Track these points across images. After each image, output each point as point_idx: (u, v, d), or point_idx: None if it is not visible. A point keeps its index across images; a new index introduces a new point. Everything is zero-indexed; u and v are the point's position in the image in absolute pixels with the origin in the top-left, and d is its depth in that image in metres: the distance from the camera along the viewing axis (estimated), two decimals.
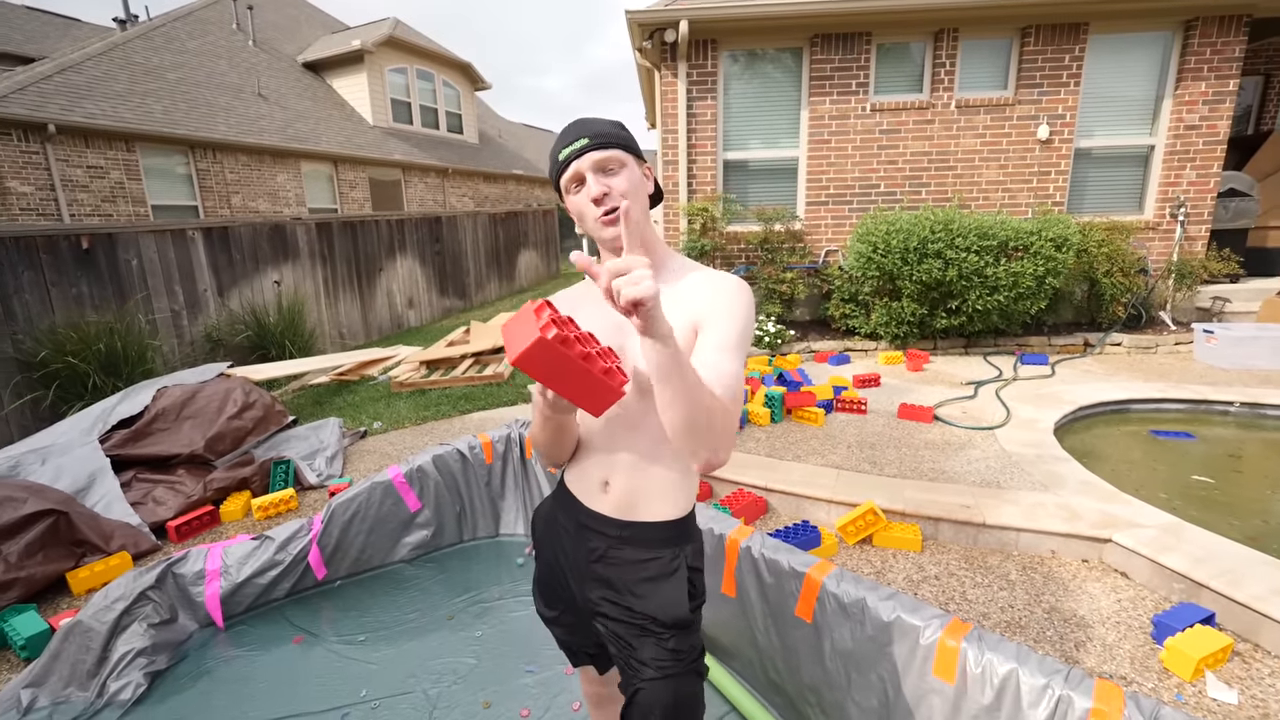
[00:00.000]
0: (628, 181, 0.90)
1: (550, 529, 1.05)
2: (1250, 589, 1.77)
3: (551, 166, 0.93)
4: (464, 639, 1.97)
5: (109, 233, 4.64)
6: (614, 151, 0.89)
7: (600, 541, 0.96)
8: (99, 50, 8.75)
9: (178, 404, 3.21)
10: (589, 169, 0.88)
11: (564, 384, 0.72)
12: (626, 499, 0.94)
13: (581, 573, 0.98)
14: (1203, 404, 3.56)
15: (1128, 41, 5.04)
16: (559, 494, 1.05)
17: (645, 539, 0.94)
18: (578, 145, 0.88)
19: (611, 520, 0.95)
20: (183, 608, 1.99)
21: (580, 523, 0.98)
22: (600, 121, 0.93)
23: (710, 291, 0.89)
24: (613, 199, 0.88)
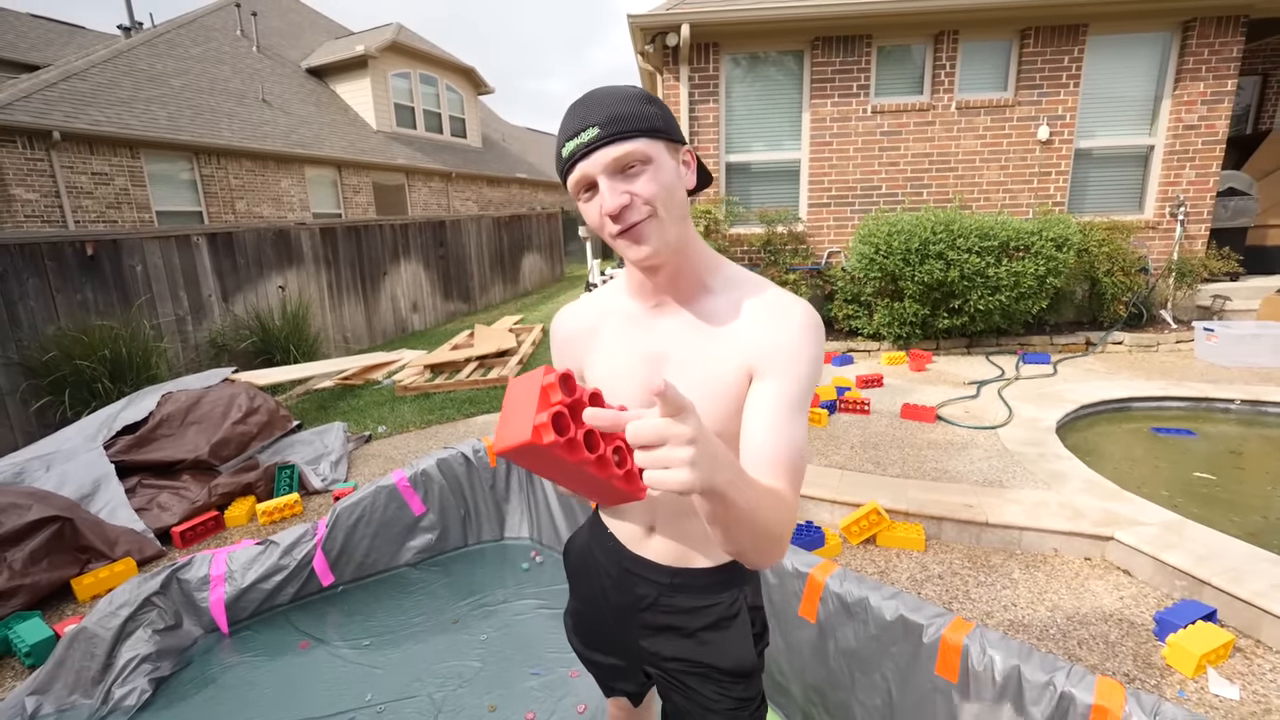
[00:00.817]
0: (656, 183, 0.67)
1: (588, 568, 0.93)
2: (1252, 585, 1.77)
3: (557, 159, 0.72)
4: (469, 642, 1.98)
5: (113, 239, 4.68)
6: (634, 144, 0.66)
7: (649, 589, 0.84)
8: (103, 57, 8.81)
9: (182, 409, 3.23)
10: (601, 172, 0.66)
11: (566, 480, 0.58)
12: (675, 546, 0.83)
13: (629, 620, 0.88)
14: (1204, 401, 3.56)
15: (1127, 42, 5.06)
16: (596, 532, 0.93)
17: (700, 585, 0.83)
18: (586, 138, 0.66)
19: (660, 567, 0.84)
20: (187, 613, 2.00)
21: (624, 567, 0.87)
22: (616, 96, 0.67)
23: (772, 325, 0.71)
24: (635, 211, 0.67)
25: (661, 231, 0.69)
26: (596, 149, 0.66)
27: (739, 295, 0.75)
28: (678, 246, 0.72)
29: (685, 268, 0.75)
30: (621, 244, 0.70)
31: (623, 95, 0.68)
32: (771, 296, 0.74)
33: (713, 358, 0.72)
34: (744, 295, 0.75)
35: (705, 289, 0.76)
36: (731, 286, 0.76)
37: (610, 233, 0.69)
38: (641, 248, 0.69)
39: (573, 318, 0.87)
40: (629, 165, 0.67)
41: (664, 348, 0.76)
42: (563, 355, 0.88)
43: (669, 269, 0.74)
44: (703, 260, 0.77)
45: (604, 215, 0.68)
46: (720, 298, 0.76)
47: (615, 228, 0.68)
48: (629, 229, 0.68)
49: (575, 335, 0.86)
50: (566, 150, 0.68)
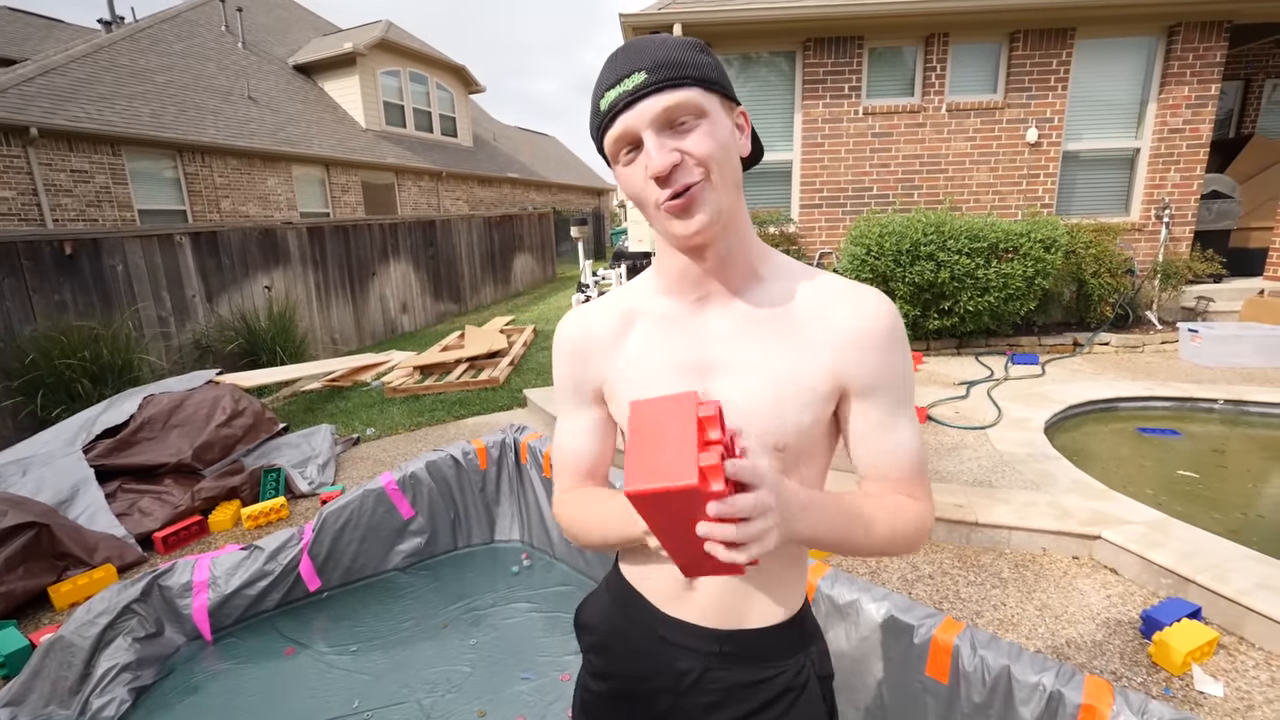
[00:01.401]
0: (712, 139, 0.57)
1: (612, 641, 0.74)
2: (1235, 583, 1.79)
3: (592, 117, 0.60)
4: (458, 647, 1.96)
5: (93, 238, 4.58)
6: (688, 92, 0.56)
7: (693, 661, 0.67)
8: (83, 52, 8.65)
9: (165, 412, 3.17)
10: (648, 126, 0.56)
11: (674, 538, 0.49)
12: (723, 602, 0.66)
13: (667, 705, 0.69)
14: (1188, 401, 3.61)
15: (1113, 46, 5.12)
16: (619, 593, 0.74)
17: (756, 652, 0.67)
18: (630, 84, 0.56)
19: (705, 631, 0.67)
20: (169, 621, 1.96)
21: (659, 635, 0.69)
22: (665, 42, 0.58)
23: (854, 322, 0.61)
24: (686, 173, 0.56)
25: (714, 197, 0.58)
26: (643, 97, 0.55)
27: (797, 284, 0.64)
28: (731, 221, 0.61)
29: (737, 249, 0.63)
30: (667, 216, 0.58)
31: (673, 40, 0.58)
32: (839, 286, 0.64)
33: (782, 361, 0.62)
34: (804, 284, 0.64)
35: (757, 276, 0.65)
36: (785, 274, 0.66)
37: (656, 200, 0.58)
38: (692, 220, 0.57)
39: (588, 323, 0.71)
40: (680, 119, 0.56)
41: (715, 353, 0.64)
42: (575, 371, 0.72)
43: (718, 250, 0.62)
44: (754, 245, 0.66)
45: (649, 178, 0.57)
46: (775, 286, 0.65)
47: (663, 193, 0.57)
48: (679, 195, 0.56)
49: (593, 345, 0.70)
50: (606, 100, 0.57)
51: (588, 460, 0.75)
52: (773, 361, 0.62)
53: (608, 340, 0.70)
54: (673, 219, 0.58)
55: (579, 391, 0.72)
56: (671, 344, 0.66)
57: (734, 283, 0.65)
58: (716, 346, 0.64)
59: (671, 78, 0.56)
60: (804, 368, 0.62)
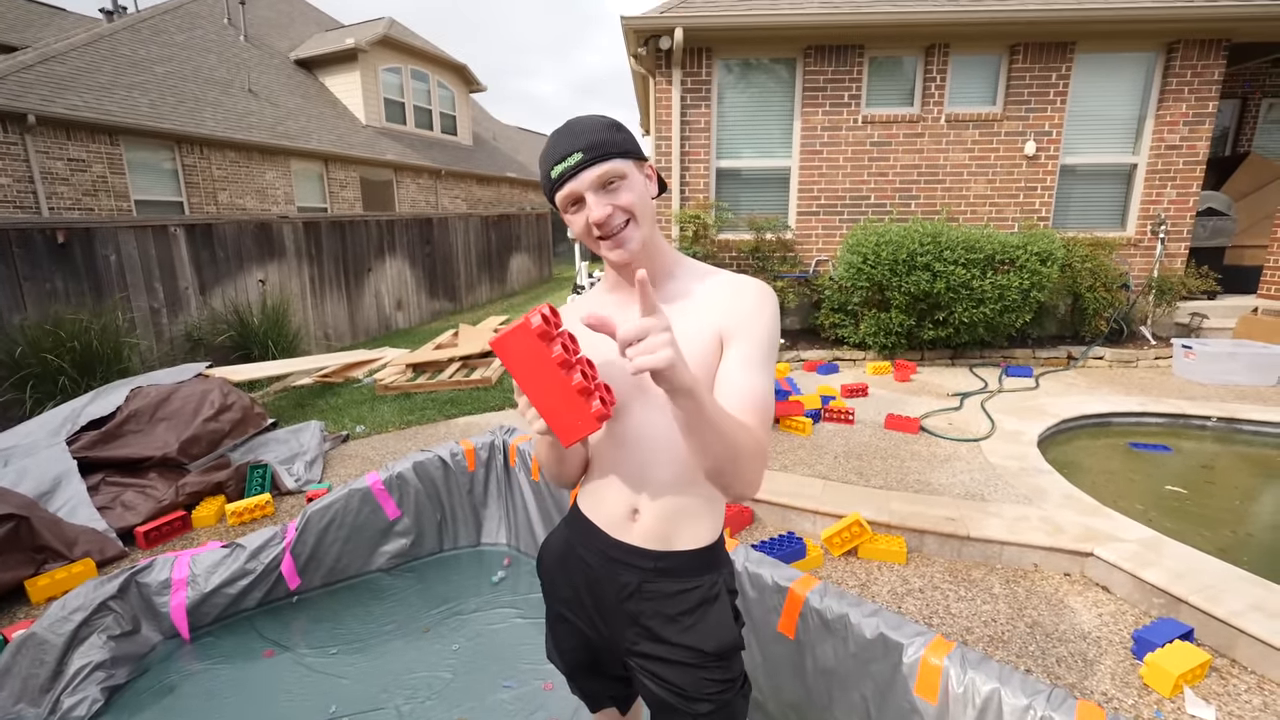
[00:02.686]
0: (632, 193, 0.82)
1: (566, 566, 0.95)
2: (1228, 604, 1.78)
3: (544, 179, 0.84)
4: (440, 652, 1.92)
5: (86, 227, 4.54)
6: (614, 164, 0.80)
7: (632, 575, 0.88)
8: (83, 41, 8.59)
9: (152, 405, 3.12)
10: (588, 189, 0.80)
11: (536, 389, 0.70)
12: (659, 528, 0.87)
13: (611, 611, 0.90)
14: (1181, 418, 3.61)
15: (1113, 61, 5.15)
16: (575, 525, 0.95)
17: (683, 568, 0.88)
18: (571, 162, 0.80)
19: (644, 551, 0.87)
20: (146, 619, 1.92)
21: (607, 556, 0.90)
22: (593, 126, 0.82)
23: (732, 297, 0.84)
24: (617, 219, 0.81)
25: (637, 233, 0.83)
26: (582, 169, 0.80)
27: (698, 279, 0.89)
28: (648, 244, 0.86)
29: (655, 261, 0.89)
30: (605, 247, 0.84)
31: (598, 124, 0.83)
32: (730, 277, 0.88)
33: (686, 331, 0.80)
34: (703, 278, 0.89)
35: (671, 276, 0.90)
36: (691, 273, 0.91)
37: (595, 236, 0.83)
38: (623, 250, 0.83)
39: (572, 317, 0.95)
40: (609, 181, 0.81)
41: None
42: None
43: (640, 264, 0.85)
44: (667, 255, 0.92)
45: (591, 224, 0.81)
46: (683, 282, 0.89)
47: (601, 234, 0.82)
48: (613, 235, 0.82)
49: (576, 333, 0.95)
50: (555, 172, 0.82)
51: None
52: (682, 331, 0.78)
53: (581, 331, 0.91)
54: (609, 251, 0.84)
55: None
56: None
57: (656, 282, 0.88)
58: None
59: (601, 155, 0.80)
60: (702, 334, 0.83)
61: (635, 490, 0.87)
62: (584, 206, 0.81)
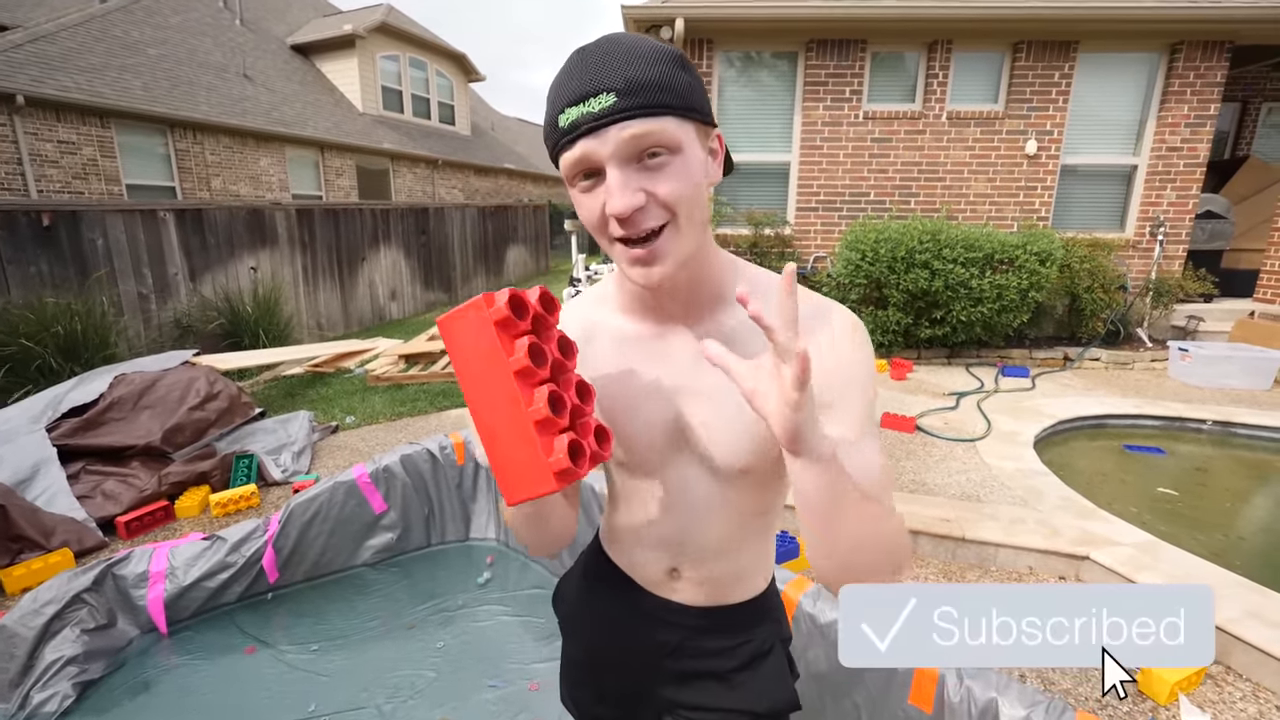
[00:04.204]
0: (682, 180, 0.51)
1: (594, 615, 0.80)
2: (1224, 611, 1.75)
3: (547, 126, 0.54)
4: (424, 650, 1.88)
5: (73, 210, 4.45)
6: (662, 122, 0.50)
7: (674, 634, 0.74)
8: (75, 21, 8.43)
9: (136, 392, 3.06)
10: (612, 157, 0.50)
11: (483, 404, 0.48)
12: (706, 588, 0.72)
13: (646, 668, 0.76)
14: (1176, 421, 3.60)
15: (1115, 61, 5.10)
16: (601, 572, 0.78)
17: (732, 623, 0.74)
18: (596, 106, 0.49)
19: (687, 609, 0.73)
20: (122, 612, 1.87)
21: (642, 611, 0.75)
22: (640, 52, 0.50)
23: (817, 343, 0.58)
24: (650, 217, 0.51)
25: (679, 245, 0.53)
26: (611, 122, 0.49)
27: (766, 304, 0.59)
28: (694, 258, 0.56)
29: (702, 279, 0.60)
30: (625, 258, 0.53)
31: (650, 52, 0.50)
32: (809, 305, 0.60)
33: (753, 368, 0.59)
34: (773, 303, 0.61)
35: (723, 300, 0.62)
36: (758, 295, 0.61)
37: (613, 236, 0.53)
38: (653, 268, 0.53)
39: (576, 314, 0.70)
40: (650, 151, 0.50)
41: (681, 377, 0.62)
42: None
43: (680, 282, 0.58)
44: (719, 267, 0.61)
45: (608, 215, 0.51)
46: (740, 310, 0.60)
47: (620, 232, 0.52)
48: (639, 239, 0.52)
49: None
50: (567, 118, 0.50)
51: None
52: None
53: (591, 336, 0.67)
54: (630, 265, 0.53)
55: None
56: (634, 366, 0.64)
57: (697, 310, 0.63)
58: (682, 370, 0.63)
59: (645, 104, 0.49)
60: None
61: (675, 554, 0.71)
62: (602, 180, 0.51)
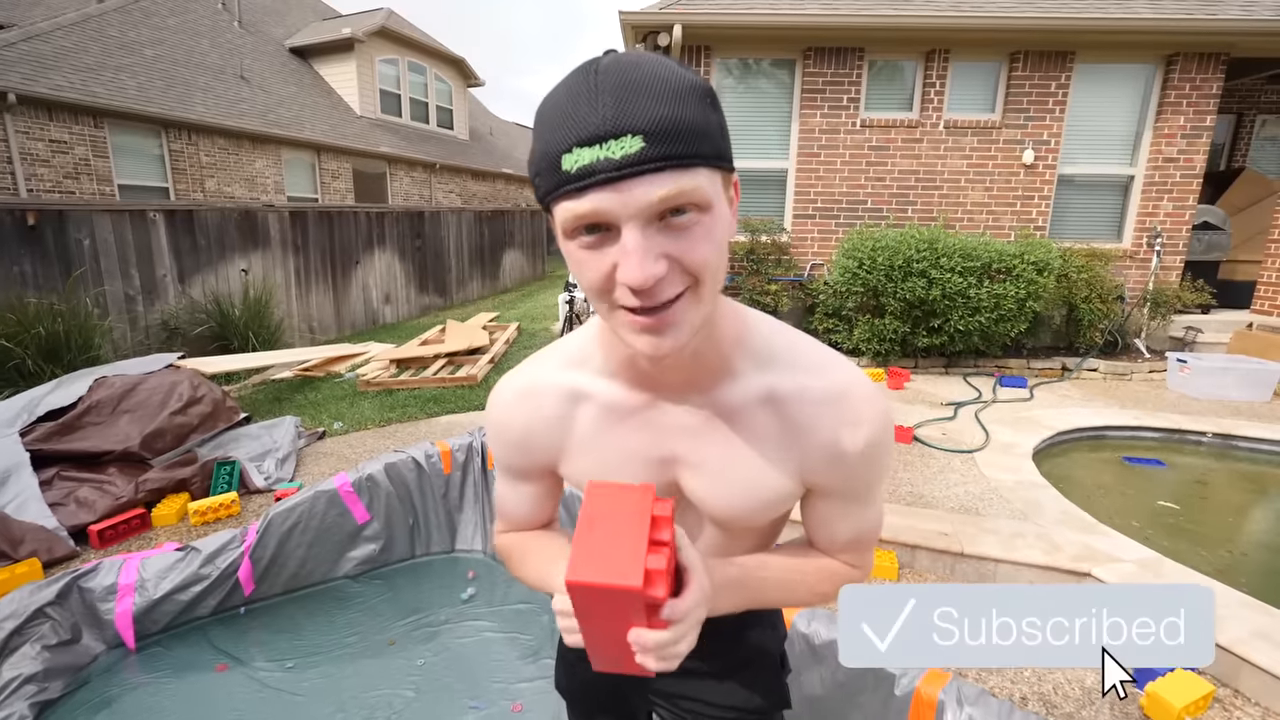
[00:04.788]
0: (711, 243, 0.44)
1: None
2: (1231, 631, 1.70)
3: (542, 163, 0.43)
4: (404, 667, 1.81)
5: (59, 210, 4.38)
6: (696, 177, 0.41)
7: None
8: (71, 20, 8.38)
9: (116, 396, 2.98)
10: (635, 216, 0.41)
11: (598, 631, 0.49)
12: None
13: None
14: (1176, 433, 3.55)
15: (1112, 72, 5.11)
16: None
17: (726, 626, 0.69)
18: (618, 151, 0.39)
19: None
20: (88, 626, 1.79)
21: None
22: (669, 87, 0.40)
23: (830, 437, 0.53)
24: (670, 285, 0.43)
25: (696, 313, 0.45)
26: (636, 174, 0.39)
27: (771, 382, 0.54)
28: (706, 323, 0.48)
29: (708, 347, 0.52)
30: (631, 325, 0.44)
31: (681, 86, 0.41)
32: (815, 384, 0.54)
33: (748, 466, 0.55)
34: (778, 382, 0.54)
35: (729, 372, 0.55)
36: (764, 364, 0.55)
37: (620, 302, 0.44)
38: (664, 339, 0.44)
39: (534, 397, 0.61)
40: (681, 206, 0.41)
41: (677, 448, 0.58)
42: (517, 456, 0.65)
43: (683, 356, 0.49)
44: (729, 331, 0.54)
45: (620, 283, 0.42)
46: (746, 385, 0.54)
47: (633, 302, 0.43)
48: (655, 309, 0.43)
49: (540, 428, 0.62)
50: (577, 161, 0.40)
51: (532, 521, 0.75)
52: (740, 464, 0.57)
53: (554, 422, 0.62)
54: (637, 334, 0.45)
55: (523, 473, 0.69)
56: (626, 437, 0.60)
57: (698, 381, 0.55)
58: (678, 441, 0.58)
59: (678, 155, 0.40)
60: (772, 471, 0.57)
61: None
62: (611, 239, 0.42)
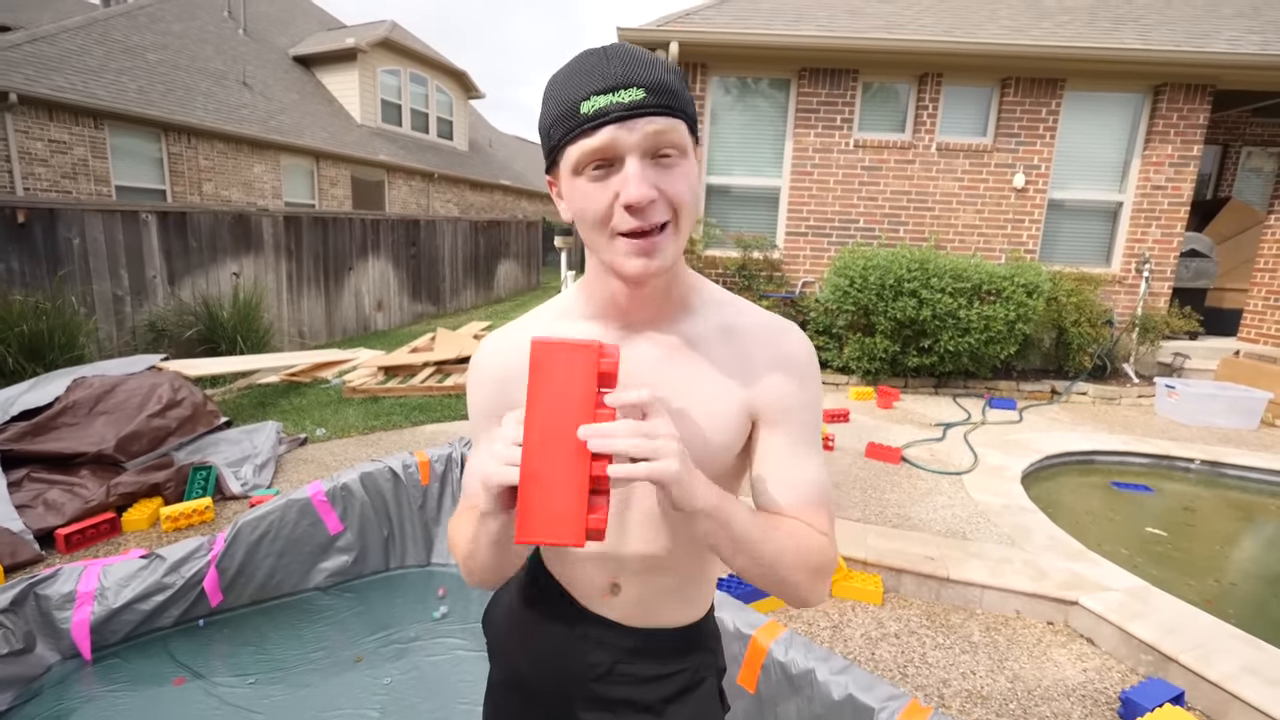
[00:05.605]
0: (688, 183, 0.56)
1: (523, 633, 0.76)
2: (1221, 666, 1.67)
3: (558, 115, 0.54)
4: (370, 686, 1.75)
5: (50, 208, 4.34)
6: (680, 125, 0.55)
7: (605, 655, 0.71)
8: (77, 24, 8.43)
9: (93, 397, 2.92)
10: (636, 149, 0.52)
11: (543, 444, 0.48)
12: (642, 605, 0.70)
13: (575, 692, 0.73)
14: (1165, 459, 3.55)
15: (1101, 100, 5.20)
16: (537, 586, 0.76)
17: (665, 650, 0.72)
18: (627, 98, 0.51)
19: (622, 628, 0.71)
20: (43, 635, 1.72)
21: (575, 629, 0.73)
22: (658, 62, 0.55)
23: (772, 364, 0.63)
24: (658, 213, 0.54)
25: (675, 246, 0.57)
26: (641, 114, 0.52)
27: (724, 315, 0.66)
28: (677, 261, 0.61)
29: (674, 283, 0.64)
30: (627, 248, 0.55)
31: (665, 63, 0.56)
32: (761, 319, 0.66)
33: (704, 391, 0.63)
34: (730, 321, 0.66)
35: (687, 307, 0.66)
36: (712, 308, 0.67)
37: (618, 229, 0.54)
38: (652, 260, 0.55)
39: (509, 349, 0.67)
40: (665, 151, 0.54)
41: (641, 378, 0.64)
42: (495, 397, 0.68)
43: (657, 285, 0.61)
44: (689, 278, 0.67)
45: (619, 204, 0.53)
46: (701, 319, 0.65)
47: (631, 224, 0.53)
48: (644, 232, 0.54)
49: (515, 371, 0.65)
50: (593, 105, 0.52)
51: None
52: (698, 390, 0.63)
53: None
54: (630, 256, 0.55)
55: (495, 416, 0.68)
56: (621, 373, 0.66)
57: (664, 315, 0.65)
58: (640, 374, 0.63)
59: (669, 105, 0.53)
60: (725, 395, 0.63)
61: (616, 563, 0.69)
62: (614, 172, 0.53)
